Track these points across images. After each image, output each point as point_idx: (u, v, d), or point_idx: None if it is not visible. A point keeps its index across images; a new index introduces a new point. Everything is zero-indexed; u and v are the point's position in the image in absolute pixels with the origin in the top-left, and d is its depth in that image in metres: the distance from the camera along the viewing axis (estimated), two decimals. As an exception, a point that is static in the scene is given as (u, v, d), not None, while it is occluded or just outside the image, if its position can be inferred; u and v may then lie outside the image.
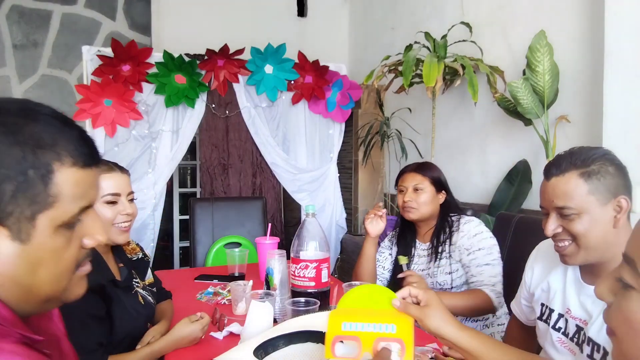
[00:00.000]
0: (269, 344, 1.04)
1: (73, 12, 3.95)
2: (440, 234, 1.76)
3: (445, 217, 1.77)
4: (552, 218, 1.05)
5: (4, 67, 3.80)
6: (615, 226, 1.01)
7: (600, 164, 1.01)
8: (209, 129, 3.26)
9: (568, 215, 1.02)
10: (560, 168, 1.03)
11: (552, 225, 1.05)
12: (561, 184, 1.03)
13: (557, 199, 1.03)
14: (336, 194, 3.57)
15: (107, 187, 1.30)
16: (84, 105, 2.86)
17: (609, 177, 1.01)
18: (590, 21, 1.99)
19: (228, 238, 2.67)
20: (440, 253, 1.73)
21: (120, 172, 1.35)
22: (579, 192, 1.01)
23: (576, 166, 1.02)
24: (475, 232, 1.68)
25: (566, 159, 1.04)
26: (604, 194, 1.01)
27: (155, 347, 1.26)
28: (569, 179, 1.02)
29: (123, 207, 1.32)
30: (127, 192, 1.35)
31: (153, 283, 1.54)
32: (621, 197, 1.01)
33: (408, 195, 1.77)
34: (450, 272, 1.71)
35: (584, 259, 1.04)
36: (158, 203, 3.10)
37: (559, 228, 1.05)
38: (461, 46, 2.58)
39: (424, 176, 1.78)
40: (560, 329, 1.17)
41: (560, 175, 1.03)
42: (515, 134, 2.37)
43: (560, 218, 1.04)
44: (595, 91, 1.90)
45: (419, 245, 1.85)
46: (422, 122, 3.09)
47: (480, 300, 1.58)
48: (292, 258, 1.53)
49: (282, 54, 3.23)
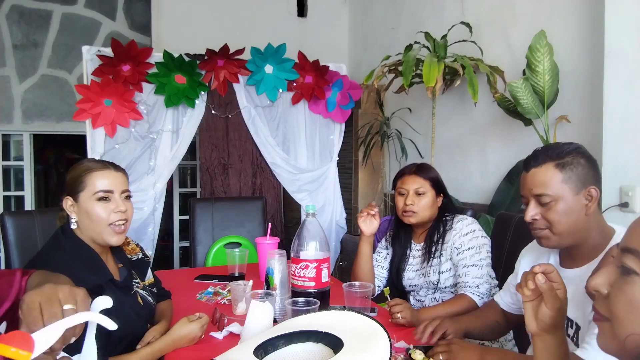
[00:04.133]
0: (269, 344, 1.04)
1: (73, 12, 3.95)
2: (434, 234, 1.76)
3: (440, 219, 1.77)
4: (531, 205, 1.17)
5: (4, 67, 3.80)
6: (587, 213, 1.13)
7: (572, 156, 1.14)
8: (209, 129, 3.26)
9: (546, 203, 1.14)
10: (538, 160, 1.16)
11: (531, 212, 1.17)
12: (539, 174, 1.15)
13: (535, 187, 1.15)
14: (336, 194, 3.57)
15: (99, 184, 1.30)
16: (84, 105, 2.86)
17: (581, 168, 1.13)
18: (590, 21, 1.99)
19: (228, 238, 2.67)
20: (433, 252, 1.73)
21: (114, 169, 1.35)
22: (555, 181, 1.13)
23: (552, 158, 1.14)
24: (467, 231, 1.68)
25: (543, 153, 1.17)
26: (576, 183, 1.13)
27: (155, 347, 1.26)
28: (545, 170, 1.14)
29: (116, 204, 1.31)
30: (120, 189, 1.34)
31: (153, 283, 1.54)
32: (591, 187, 1.13)
33: (410, 199, 1.75)
34: (440, 271, 1.71)
35: (558, 243, 1.16)
36: (158, 203, 3.10)
37: (537, 215, 1.16)
38: (461, 46, 2.58)
39: (425, 179, 1.75)
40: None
41: (538, 167, 1.16)
42: (515, 134, 2.37)
43: (539, 206, 1.16)
44: (595, 91, 1.90)
45: (414, 245, 1.85)
46: (422, 122, 3.09)
47: (464, 305, 1.59)
48: (292, 258, 1.53)
49: (282, 54, 3.23)
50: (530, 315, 0.92)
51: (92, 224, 1.30)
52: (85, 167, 1.32)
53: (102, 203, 1.30)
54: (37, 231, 1.93)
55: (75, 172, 1.32)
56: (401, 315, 1.44)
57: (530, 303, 0.92)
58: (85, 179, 1.30)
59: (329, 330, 1.03)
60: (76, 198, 1.30)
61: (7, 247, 1.91)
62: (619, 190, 1.74)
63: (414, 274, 1.79)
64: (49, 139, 4.90)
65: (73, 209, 1.30)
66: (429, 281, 1.74)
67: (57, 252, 1.26)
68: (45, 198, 5.44)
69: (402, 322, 1.44)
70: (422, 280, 1.76)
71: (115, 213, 1.31)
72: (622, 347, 0.63)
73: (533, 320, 0.92)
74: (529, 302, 0.92)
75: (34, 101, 3.88)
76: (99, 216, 1.29)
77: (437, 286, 1.73)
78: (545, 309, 0.89)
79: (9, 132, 3.95)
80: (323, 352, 1.02)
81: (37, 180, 4.79)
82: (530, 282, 0.90)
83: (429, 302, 1.77)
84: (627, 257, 0.62)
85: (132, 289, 1.39)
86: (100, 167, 1.33)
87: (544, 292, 0.89)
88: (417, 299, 1.82)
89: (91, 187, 1.29)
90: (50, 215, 1.40)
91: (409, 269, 1.82)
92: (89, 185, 1.30)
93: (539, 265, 0.91)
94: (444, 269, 1.71)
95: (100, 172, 1.31)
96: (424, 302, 1.79)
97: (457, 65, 2.29)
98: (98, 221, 1.29)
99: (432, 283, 1.73)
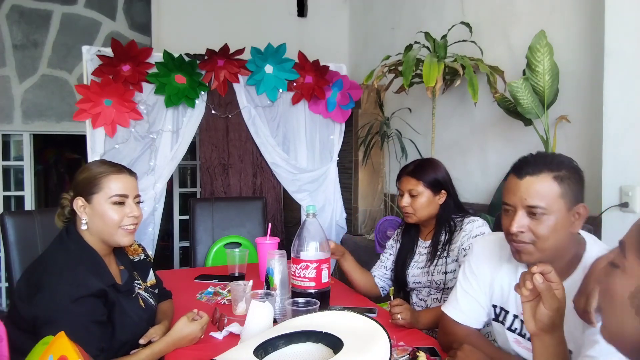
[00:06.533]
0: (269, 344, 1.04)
1: (73, 12, 3.95)
2: (440, 234, 1.75)
3: (445, 217, 1.76)
4: (520, 216, 1.07)
5: (4, 67, 3.80)
6: (572, 231, 1.07)
7: (570, 170, 1.07)
8: (209, 129, 3.26)
9: (536, 215, 1.05)
10: (536, 168, 1.06)
11: (520, 222, 1.07)
12: (536, 184, 1.05)
13: (530, 198, 1.05)
14: (336, 194, 3.57)
15: (115, 188, 1.31)
16: (84, 105, 2.86)
17: (575, 184, 1.06)
18: (590, 21, 1.99)
19: (228, 238, 2.67)
20: (439, 252, 1.73)
21: (129, 174, 1.36)
22: (552, 194, 1.04)
23: (551, 169, 1.06)
24: (477, 233, 1.67)
25: (540, 161, 1.08)
26: (571, 200, 1.06)
27: (155, 348, 1.26)
28: (543, 180, 1.05)
29: (130, 209, 1.33)
30: (134, 194, 1.35)
31: (155, 284, 1.54)
32: (581, 205, 1.07)
33: (404, 201, 1.77)
34: (445, 271, 1.71)
35: (538, 259, 1.07)
36: (158, 203, 3.10)
37: (524, 227, 1.07)
38: (461, 46, 2.58)
39: (419, 180, 1.75)
40: (515, 330, 1.20)
41: (535, 176, 1.06)
42: (515, 134, 2.37)
43: (528, 217, 1.07)
44: (595, 91, 1.90)
45: (421, 243, 1.85)
46: (422, 122, 3.09)
47: None
48: (293, 258, 1.53)
49: (282, 54, 3.23)
50: (529, 316, 0.92)
51: (105, 226, 1.30)
52: (101, 170, 1.32)
53: (117, 207, 1.31)
54: (37, 231, 1.93)
55: (89, 173, 1.32)
56: (401, 316, 1.45)
57: (529, 303, 0.92)
58: (101, 182, 1.30)
59: (329, 331, 1.03)
60: (89, 199, 1.30)
61: (7, 247, 1.91)
62: (619, 190, 1.74)
63: (419, 271, 1.79)
64: (49, 139, 4.90)
65: (84, 210, 1.30)
66: (432, 280, 1.73)
67: (61, 254, 1.26)
68: (45, 198, 5.45)
69: (402, 323, 1.45)
70: (426, 279, 1.75)
71: (129, 217, 1.32)
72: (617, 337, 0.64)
73: (532, 320, 0.92)
74: (527, 302, 0.92)
75: (34, 101, 3.88)
76: (112, 219, 1.30)
77: (439, 286, 1.73)
78: (543, 309, 0.89)
79: (9, 132, 3.95)
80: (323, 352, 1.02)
81: (37, 180, 4.79)
82: (528, 282, 0.90)
83: (432, 302, 1.76)
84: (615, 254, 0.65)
85: (134, 292, 1.39)
86: (116, 170, 1.33)
87: (542, 292, 0.89)
88: (420, 298, 1.81)
89: (107, 190, 1.30)
90: (50, 215, 1.39)
91: (414, 266, 1.82)
92: (105, 188, 1.30)
93: (536, 265, 0.91)
94: (449, 270, 1.70)
95: (116, 176, 1.32)
96: (426, 302, 1.78)
97: (457, 65, 2.29)
98: (112, 224, 1.30)
99: (435, 283, 1.73)
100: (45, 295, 1.15)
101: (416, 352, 1.18)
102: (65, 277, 1.18)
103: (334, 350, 0.98)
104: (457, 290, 1.33)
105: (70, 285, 1.16)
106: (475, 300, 1.28)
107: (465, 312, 1.30)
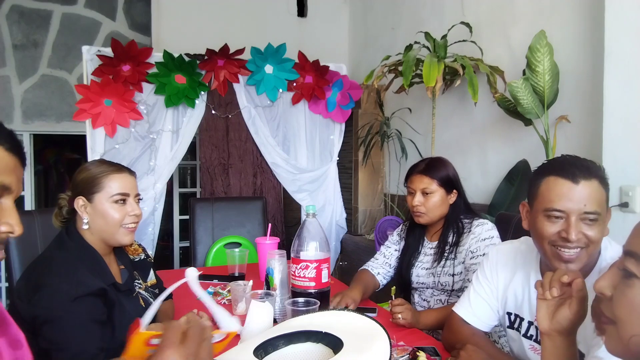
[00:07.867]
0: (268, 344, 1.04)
1: (73, 12, 3.95)
2: (448, 235, 1.72)
3: (454, 218, 1.73)
4: (576, 222, 1.03)
5: (4, 67, 3.80)
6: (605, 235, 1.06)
7: (605, 176, 1.06)
8: (209, 129, 3.26)
9: (591, 220, 1.02)
10: (588, 173, 1.03)
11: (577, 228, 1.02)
12: (592, 189, 1.03)
13: (589, 204, 1.02)
14: (336, 194, 3.57)
15: (117, 187, 1.32)
16: (84, 105, 2.86)
17: (608, 190, 1.06)
18: (590, 21, 1.99)
19: (228, 238, 2.67)
20: (446, 254, 1.70)
21: (129, 173, 1.37)
22: (603, 199, 1.04)
23: (597, 175, 1.04)
24: (485, 236, 1.64)
25: (586, 165, 1.05)
26: (608, 204, 1.06)
27: (155, 347, 1.25)
28: (596, 185, 1.03)
29: (131, 208, 1.34)
30: (134, 193, 1.37)
31: (155, 284, 1.54)
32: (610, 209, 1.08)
33: (417, 200, 1.71)
34: (452, 274, 1.69)
35: (584, 264, 1.05)
36: (158, 203, 3.10)
37: (580, 233, 1.03)
38: (461, 46, 2.58)
39: (432, 178, 1.70)
40: (531, 337, 1.20)
41: (589, 181, 1.03)
42: (515, 134, 2.37)
43: (581, 222, 1.03)
44: (595, 91, 1.90)
45: (427, 243, 1.81)
46: (422, 122, 3.09)
47: None
48: (293, 258, 1.53)
49: (282, 54, 3.23)
50: (544, 314, 0.89)
51: (107, 225, 1.31)
52: (101, 169, 1.33)
53: (119, 206, 1.32)
54: (37, 231, 1.93)
55: (89, 173, 1.33)
56: (402, 316, 1.44)
57: (545, 302, 0.89)
58: (102, 181, 1.31)
59: (328, 331, 1.03)
60: (90, 199, 1.31)
61: (7, 247, 1.91)
62: (619, 190, 1.74)
63: (424, 272, 1.76)
64: (49, 139, 4.90)
65: (85, 209, 1.31)
66: (438, 282, 1.71)
67: (61, 254, 1.26)
68: (45, 198, 5.44)
69: (402, 323, 1.44)
70: (431, 280, 1.73)
71: (130, 216, 1.33)
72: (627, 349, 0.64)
73: (547, 319, 0.89)
74: (543, 300, 0.89)
75: (34, 101, 3.88)
76: (114, 218, 1.31)
77: (445, 288, 1.70)
78: (567, 311, 0.86)
79: (9, 132, 3.95)
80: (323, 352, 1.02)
81: (37, 180, 4.78)
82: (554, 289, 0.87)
83: (435, 304, 1.75)
84: (628, 261, 0.63)
85: (134, 291, 1.39)
86: (116, 169, 1.34)
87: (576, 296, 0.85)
88: (423, 298, 1.79)
89: (108, 189, 1.31)
90: (50, 216, 1.40)
91: (418, 266, 1.79)
92: (106, 188, 1.31)
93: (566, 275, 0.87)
94: (456, 272, 1.67)
95: (117, 175, 1.33)
96: (429, 303, 1.77)
97: (457, 65, 2.29)
98: (113, 223, 1.31)
99: (441, 284, 1.70)
100: (45, 294, 1.15)
101: (416, 352, 1.18)
102: (65, 276, 1.18)
103: (334, 350, 0.98)
104: (469, 292, 1.34)
105: (70, 284, 1.16)
106: (487, 303, 1.29)
107: (476, 314, 1.31)
